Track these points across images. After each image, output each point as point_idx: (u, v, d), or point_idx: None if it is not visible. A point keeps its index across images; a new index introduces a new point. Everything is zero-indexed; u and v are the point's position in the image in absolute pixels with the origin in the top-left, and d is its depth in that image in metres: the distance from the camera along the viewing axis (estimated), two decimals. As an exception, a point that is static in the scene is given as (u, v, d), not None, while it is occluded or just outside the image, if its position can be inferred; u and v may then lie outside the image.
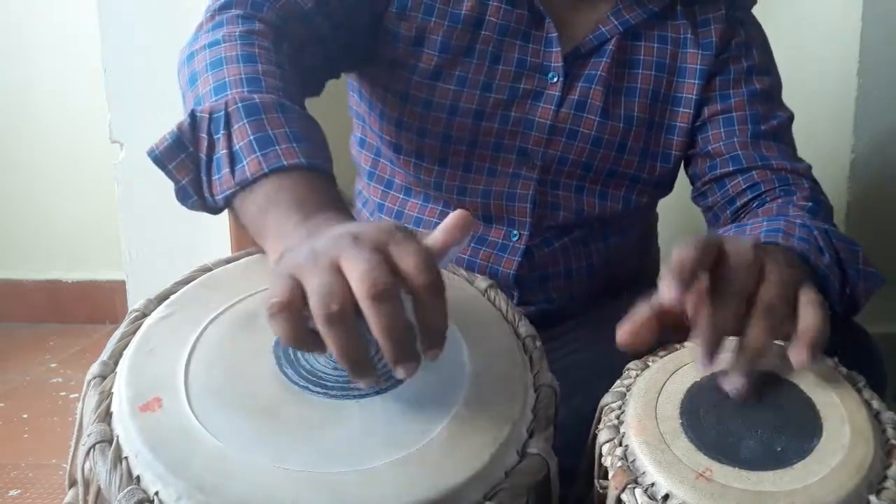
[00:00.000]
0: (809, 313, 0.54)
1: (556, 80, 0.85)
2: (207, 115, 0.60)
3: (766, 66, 0.91)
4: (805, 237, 0.71)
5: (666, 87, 0.88)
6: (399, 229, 0.46)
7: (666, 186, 0.93)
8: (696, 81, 0.87)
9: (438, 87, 0.84)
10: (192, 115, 0.60)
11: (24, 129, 1.94)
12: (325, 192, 0.57)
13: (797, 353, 0.53)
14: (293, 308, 0.44)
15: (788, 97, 0.92)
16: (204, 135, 0.60)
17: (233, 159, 0.58)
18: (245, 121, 0.59)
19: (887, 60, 1.45)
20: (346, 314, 0.43)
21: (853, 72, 1.47)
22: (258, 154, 0.57)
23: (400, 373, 0.45)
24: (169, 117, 0.62)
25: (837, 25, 1.47)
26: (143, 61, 1.34)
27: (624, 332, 0.55)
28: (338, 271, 0.44)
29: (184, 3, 1.32)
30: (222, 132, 0.59)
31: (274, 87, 0.63)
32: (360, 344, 0.44)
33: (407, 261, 0.45)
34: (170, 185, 0.61)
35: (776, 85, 0.91)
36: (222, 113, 0.60)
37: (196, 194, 0.60)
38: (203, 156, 0.59)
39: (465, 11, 0.83)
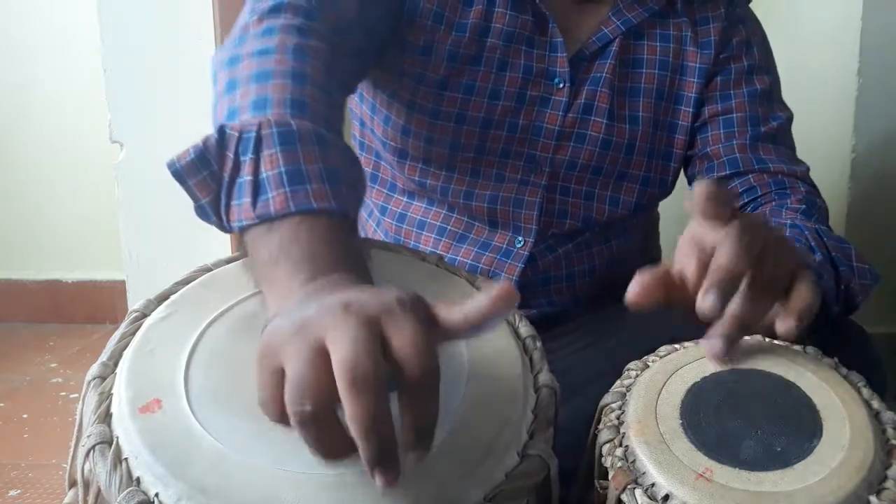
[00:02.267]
0: (802, 288, 0.56)
1: (562, 85, 0.85)
2: (237, 134, 0.54)
3: (767, 64, 0.91)
4: (796, 237, 0.71)
5: (669, 86, 0.87)
6: (401, 300, 0.41)
7: (669, 187, 0.93)
8: (697, 80, 0.87)
9: (446, 96, 0.83)
10: (221, 131, 0.54)
11: (24, 129, 1.94)
12: (343, 244, 0.52)
13: (785, 322, 0.55)
14: (277, 407, 0.41)
15: (788, 97, 0.92)
16: (230, 154, 0.54)
17: (256, 188, 0.53)
18: (278, 149, 0.53)
19: (887, 60, 1.45)
20: (319, 414, 0.39)
21: (853, 72, 1.47)
22: (287, 189, 0.52)
23: (378, 480, 0.39)
24: (169, 117, 0.61)
25: (837, 25, 1.47)
26: (143, 61, 1.35)
27: (634, 291, 0.56)
28: (320, 354, 0.39)
29: (184, 3, 1.32)
30: (250, 156, 0.53)
31: (317, 114, 0.58)
32: (338, 441, 0.40)
33: (400, 339, 0.39)
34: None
35: (776, 83, 0.91)
36: (253, 134, 0.54)
37: (214, 215, 0.55)
38: (226, 175, 0.54)
39: (472, 20, 0.82)
